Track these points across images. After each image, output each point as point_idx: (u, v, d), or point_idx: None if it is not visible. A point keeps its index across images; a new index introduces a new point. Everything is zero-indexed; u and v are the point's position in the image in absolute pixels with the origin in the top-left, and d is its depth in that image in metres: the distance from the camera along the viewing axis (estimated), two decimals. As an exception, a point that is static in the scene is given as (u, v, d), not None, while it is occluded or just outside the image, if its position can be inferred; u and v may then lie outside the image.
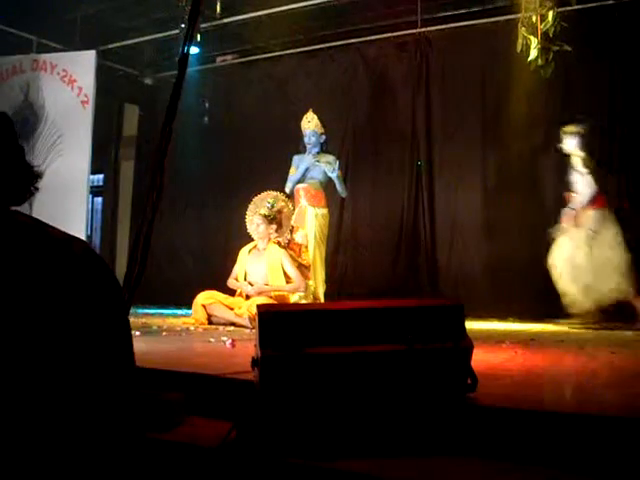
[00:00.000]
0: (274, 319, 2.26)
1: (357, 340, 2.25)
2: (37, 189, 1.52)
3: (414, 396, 2.27)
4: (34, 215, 1.49)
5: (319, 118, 7.30)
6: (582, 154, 6.46)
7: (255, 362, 2.32)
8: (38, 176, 1.52)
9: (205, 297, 6.33)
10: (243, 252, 6.66)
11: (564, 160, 6.52)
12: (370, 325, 2.30)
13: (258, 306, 2.35)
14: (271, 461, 2.04)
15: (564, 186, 6.47)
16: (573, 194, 6.42)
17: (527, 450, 2.05)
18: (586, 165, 6.42)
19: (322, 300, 6.85)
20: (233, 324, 6.08)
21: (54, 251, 1.31)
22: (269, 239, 6.51)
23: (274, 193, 6.91)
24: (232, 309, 6.21)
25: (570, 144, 6.50)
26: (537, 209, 7.07)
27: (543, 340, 4.89)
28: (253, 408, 2.24)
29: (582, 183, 6.41)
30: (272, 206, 6.63)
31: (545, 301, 6.68)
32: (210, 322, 6.24)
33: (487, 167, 7.19)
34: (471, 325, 5.22)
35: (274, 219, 6.58)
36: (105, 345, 1.30)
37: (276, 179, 7.73)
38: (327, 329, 2.24)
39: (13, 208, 1.42)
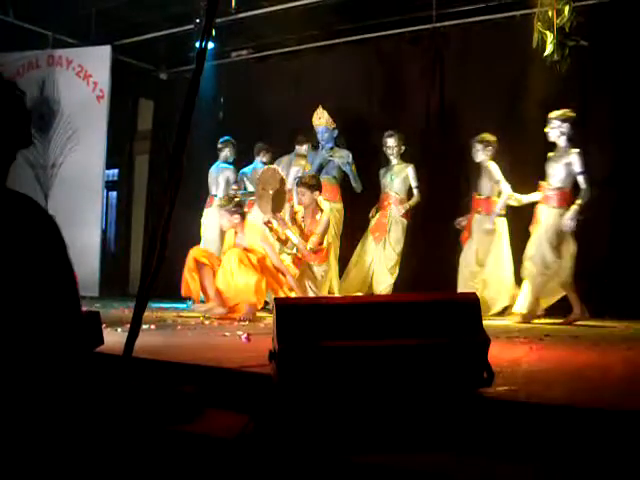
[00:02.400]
0: (292, 312, 2.27)
1: (373, 334, 2.26)
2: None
3: (430, 390, 2.28)
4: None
5: (329, 113, 7.32)
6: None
7: (273, 355, 2.33)
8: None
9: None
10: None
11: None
12: (386, 319, 2.31)
13: (276, 299, 2.36)
14: (288, 453, 2.06)
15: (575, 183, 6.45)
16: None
17: (543, 445, 2.05)
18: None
19: (337, 294, 6.86)
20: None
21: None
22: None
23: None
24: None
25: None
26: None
27: (557, 336, 4.87)
28: (270, 401, 2.25)
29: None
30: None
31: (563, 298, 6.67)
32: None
33: (501, 163, 7.13)
34: (486, 321, 5.21)
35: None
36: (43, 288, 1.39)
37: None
38: (344, 323, 2.26)
39: None
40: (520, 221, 6.72)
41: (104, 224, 10.00)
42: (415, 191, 7.26)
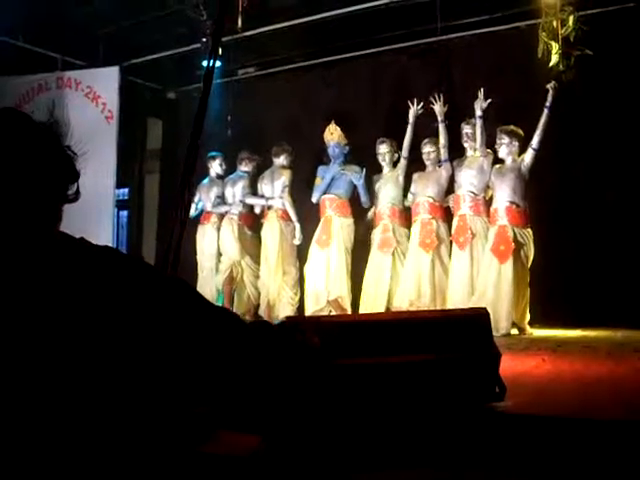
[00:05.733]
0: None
1: (386, 351, 2.27)
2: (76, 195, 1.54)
3: (443, 405, 2.28)
4: (61, 229, 1.53)
5: (342, 129, 7.34)
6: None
7: (285, 374, 2.34)
8: (74, 175, 1.54)
9: None
10: None
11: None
12: (398, 336, 2.32)
13: (287, 317, 2.38)
14: (301, 472, 2.07)
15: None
16: None
17: (554, 458, 2.05)
18: None
19: (349, 310, 6.84)
20: None
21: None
22: None
23: None
24: None
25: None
26: (558, 221, 7.01)
27: (569, 346, 4.85)
28: (283, 421, 2.26)
29: None
30: None
31: (569, 307, 6.64)
32: None
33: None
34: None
35: None
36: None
37: (299, 189, 7.78)
38: (356, 340, 2.27)
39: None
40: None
41: (115, 243, 10.03)
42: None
